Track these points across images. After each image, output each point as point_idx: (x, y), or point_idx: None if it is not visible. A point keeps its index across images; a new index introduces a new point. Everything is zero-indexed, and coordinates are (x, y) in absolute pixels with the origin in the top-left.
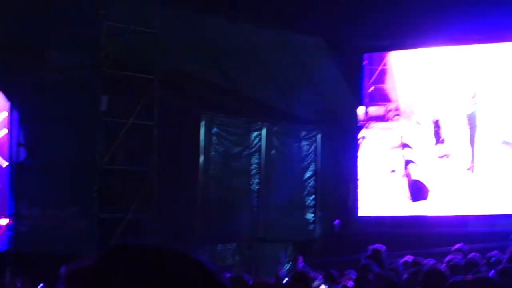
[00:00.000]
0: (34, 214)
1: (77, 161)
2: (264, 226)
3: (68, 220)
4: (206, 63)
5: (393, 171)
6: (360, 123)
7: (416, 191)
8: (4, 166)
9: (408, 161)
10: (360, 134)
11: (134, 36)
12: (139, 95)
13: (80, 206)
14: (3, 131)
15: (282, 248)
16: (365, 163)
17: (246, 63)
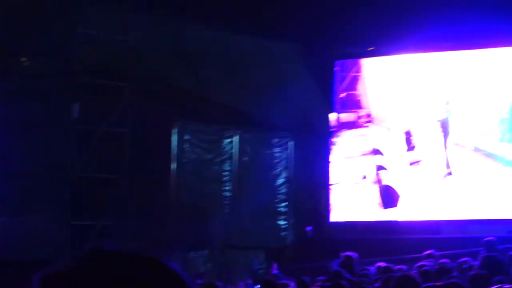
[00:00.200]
0: (5, 220)
1: (49, 168)
2: (236, 233)
3: (40, 227)
4: (179, 70)
5: (364, 177)
6: (332, 129)
7: (387, 197)
8: None
9: (379, 167)
10: (332, 140)
11: (108, 43)
12: (112, 102)
13: (52, 213)
14: None
15: (254, 255)
16: (337, 169)
17: (218, 69)
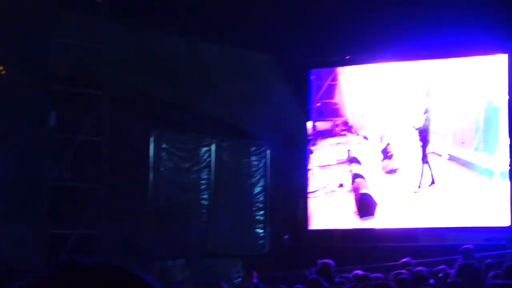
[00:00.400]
0: None
1: (25, 177)
2: (213, 241)
3: (16, 236)
4: (155, 79)
5: (340, 185)
6: (308, 138)
7: (363, 205)
8: None
9: (356, 175)
10: (309, 148)
11: (83, 52)
12: (88, 111)
13: (29, 222)
14: None
15: (232, 263)
16: (313, 177)
17: (195, 78)
